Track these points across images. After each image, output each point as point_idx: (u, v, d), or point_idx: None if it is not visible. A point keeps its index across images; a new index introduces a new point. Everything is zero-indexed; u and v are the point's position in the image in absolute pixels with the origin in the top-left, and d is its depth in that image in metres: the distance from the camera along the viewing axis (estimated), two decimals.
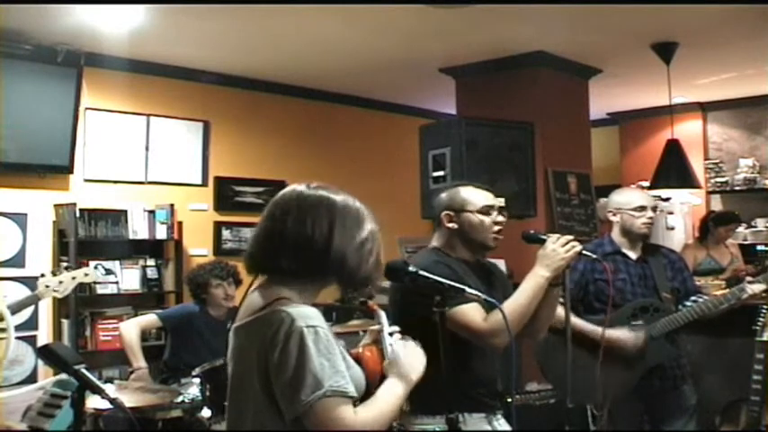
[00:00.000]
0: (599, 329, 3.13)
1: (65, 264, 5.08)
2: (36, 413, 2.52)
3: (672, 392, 3.26)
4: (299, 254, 1.69)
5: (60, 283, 3.34)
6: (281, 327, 1.58)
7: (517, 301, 2.42)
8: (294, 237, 1.69)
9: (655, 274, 3.32)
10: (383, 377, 1.80)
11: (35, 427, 2.48)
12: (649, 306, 3.23)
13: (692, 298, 3.32)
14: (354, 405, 1.62)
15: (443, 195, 2.69)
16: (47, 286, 3.31)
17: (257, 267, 1.76)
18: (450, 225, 2.61)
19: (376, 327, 1.97)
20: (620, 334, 3.16)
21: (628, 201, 3.37)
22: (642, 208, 3.32)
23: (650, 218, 3.32)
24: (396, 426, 2.34)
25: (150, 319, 4.30)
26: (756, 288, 3.15)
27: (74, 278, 3.41)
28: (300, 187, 1.77)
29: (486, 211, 2.59)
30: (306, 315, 1.61)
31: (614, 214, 3.40)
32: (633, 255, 3.37)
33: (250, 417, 1.65)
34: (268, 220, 1.74)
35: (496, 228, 2.59)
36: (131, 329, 4.13)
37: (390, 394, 1.74)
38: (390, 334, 1.95)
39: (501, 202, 2.68)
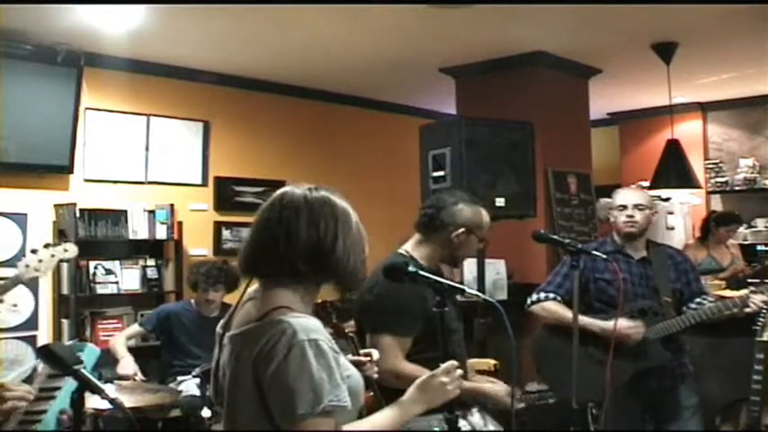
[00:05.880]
0: (601, 324, 3.15)
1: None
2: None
3: (670, 392, 3.26)
4: (310, 257, 1.68)
5: (40, 261, 3.24)
6: (282, 338, 1.57)
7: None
8: (306, 240, 1.69)
9: (656, 275, 3.30)
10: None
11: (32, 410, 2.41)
12: (648, 309, 3.22)
13: (697, 300, 3.30)
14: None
15: (466, 210, 2.70)
16: (27, 266, 3.21)
17: (255, 270, 1.75)
18: (456, 240, 2.64)
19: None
20: (611, 324, 3.11)
21: (613, 200, 3.42)
22: (622, 207, 3.34)
23: (629, 216, 3.31)
24: None
25: (134, 329, 4.56)
26: (758, 301, 3.11)
27: (53, 255, 3.29)
28: (302, 190, 1.76)
29: (484, 238, 2.73)
30: (308, 327, 1.60)
31: (609, 214, 3.45)
32: (635, 255, 3.35)
33: (243, 425, 1.65)
34: (271, 222, 1.72)
35: None
36: (115, 339, 4.46)
37: (386, 418, 1.76)
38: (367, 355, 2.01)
39: None
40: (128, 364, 4.15)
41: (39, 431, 2.35)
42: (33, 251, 3.25)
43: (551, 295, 3.37)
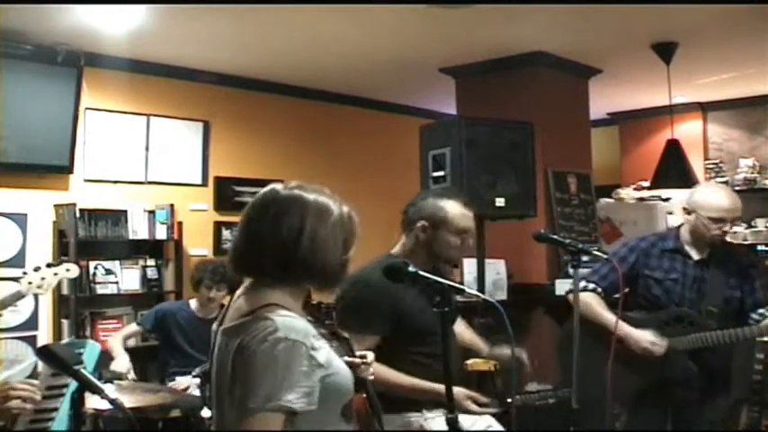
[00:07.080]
0: (628, 331, 3.04)
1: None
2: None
3: (695, 403, 3.16)
4: (275, 255, 1.68)
5: (42, 279, 3.26)
6: (260, 334, 1.57)
7: None
8: (269, 238, 1.69)
9: (712, 281, 3.10)
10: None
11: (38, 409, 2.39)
12: (684, 317, 3.08)
13: (760, 311, 3.13)
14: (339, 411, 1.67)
15: (430, 204, 2.65)
16: (30, 283, 3.23)
17: (241, 269, 1.76)
18: (420, 235, 2.62)
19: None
20: (636, 333, 3.04)
21: (707, 207, 3.08)
22: (720, 221, 3.04)
23: (725, 231, 3.04)
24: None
25: (132, 329, 4.54)
26: None
27: (55, 274, 3.32)
28: (277, 187, 1.77)
29: (461, 232, 2.61)
30: (290, 327, 1.59)
31: (688, 212, 3.14)
32: (696, 255, 3.15)
33: (225, 417, 1.66)
34: (246, 221, 1.75)
35: (463, 248, 2.62)
36: (113, 338, 4.43)
37: None
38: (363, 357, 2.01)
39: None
40: (122, 362, 4.12)
41: (54, 431, 2.34)
42: (36, 269, 3.26)
43: (591, 286, 3.22)
